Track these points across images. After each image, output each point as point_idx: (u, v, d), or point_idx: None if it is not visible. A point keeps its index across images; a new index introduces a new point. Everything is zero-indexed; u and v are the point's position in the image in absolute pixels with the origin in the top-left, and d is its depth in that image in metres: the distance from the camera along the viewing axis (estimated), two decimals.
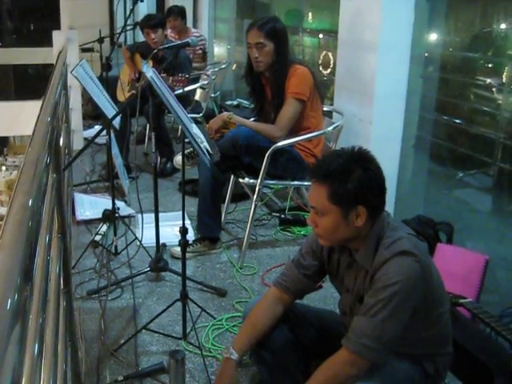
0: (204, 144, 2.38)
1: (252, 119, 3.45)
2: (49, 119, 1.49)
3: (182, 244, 2.49)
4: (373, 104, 3.43)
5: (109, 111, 3.35)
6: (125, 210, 3.83)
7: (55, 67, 2.91)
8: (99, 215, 3.65)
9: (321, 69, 4.93)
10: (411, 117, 3.53)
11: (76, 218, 3.72)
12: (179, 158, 2.83)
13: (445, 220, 3.09)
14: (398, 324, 1.65)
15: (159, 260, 2.96)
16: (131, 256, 3.26)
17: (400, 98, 3.48)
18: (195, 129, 2.40)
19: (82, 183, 4.42)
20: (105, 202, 3.76)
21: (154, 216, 2.87)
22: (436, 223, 3.07)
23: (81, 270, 3.11)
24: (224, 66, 5.92)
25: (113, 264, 3.20)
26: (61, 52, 3.72)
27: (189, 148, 3.28)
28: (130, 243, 3.38)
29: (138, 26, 5.00)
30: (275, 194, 4.29)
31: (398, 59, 3.39)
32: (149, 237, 3.08)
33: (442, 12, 3.43)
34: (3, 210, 4.20)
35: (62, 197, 1.77)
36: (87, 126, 5.91)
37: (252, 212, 3.26)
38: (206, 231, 3.38)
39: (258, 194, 3.23)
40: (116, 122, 3.39)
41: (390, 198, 3.45)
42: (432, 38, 3.52)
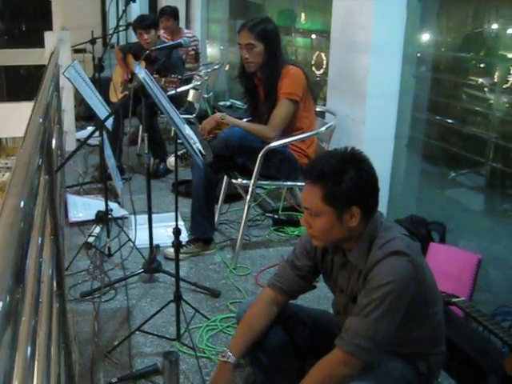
0: (197, 145, 2.38)
1: (245, 120, 3.45)
2: (41, 120, 1.49)
3: (176, 245, 2.48)
4: (365, 104, 3.44)
5: (101, 112, 3.34)
6: (118, 211, 3.82)
7: (47, 68, 2.90)
8: (92, 217, 3.65)
9: (314, 69, 4.93)
10: (404, 117, 3.54)
11: (69, 220, 3.72)
12: (172, 160, 2.83)
13: (437, 219, 3.10)
14: (391, 324, 1.65)
15: (152, 261, 2.96)
16: (124, 257, 3.25)
17: (392, 98, 3.49)
18: (188, 130, 2.40)
19: (75, 185, 4.41)
20: (98, 204, 3.75)
21: (147, 217, 2.87)
22: (429, 223, 3.08)
23: (74, 272, 3.10)
24: (217, 66, 5.92)
25: (106, 265, 3.20)
26: (53, 53, 3.72)
27: (182, 149, 3.28)
28: (123, 244, 3.38)
29: (131, 27, 4.99)
30: (268, 195, 4.29)
31: (390, 59, 3.40)
32: (142, 238, 3.07)
33: (434, 12, 3.44)
34: None
35: (55, 198, 1.76)
36: (80, 128, 5.90)
37: (245, 212, 3.26)
38: (200, 232, 3.38)
39: (252, 195, 3.23)
40: (109, 123, 3.38)
41: (383, 197, 3.46)
42: (424, 38, 3.53)
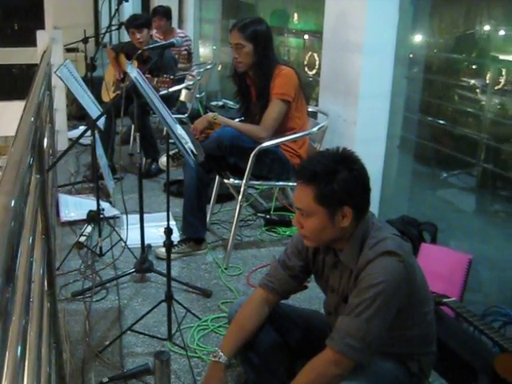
0: (188, 144, 2.38)
1: (237, 120, 3.45)
2: (32, 119, 1.48)
3: (167, 245, 2.48)
4: (357, 105, 3.45)
5: (93, 112, 3.33)
6: (109, 210, 3.81)
7: (39, 67, 2.89)
8: (84, 216, 3.65)
9: (306, 70, 4.94)
10: (395, 117, 3.55)
11: (60, 219, 3.71)
12: (164, 159, 2.83)
13: (429, 220, 3.11)
14: (382, 324, 1.66)
15: (144, 261, 2.96)
16: (116, 257, 3.25)
17: (384, 98, 3.50)
18: (180, 129, 2.39)
19: (67, 184, 4.40)
20: (89, 203, 3.74)
21: (138, 217, 2.87)
22: (420, 223, 3.09)
23: (65, 272, 3.09)
24: (209, 66, 5.92)
25: (97, 265, 3.19)
26: (45, 52, 3.70)
27: (174, 149, 3.27)
28: (114, 244, 3.37)
29: (124, 26, 4.98)
30: (260, 195, 4.29)
31: (382, 60, 3.41)
32: (134, 238, 3.07)
33: (426, 13, 3.45)
34: None
35: (46, 198, 1.76)
36: (72, 127, 5.88)
37: (237, 212, 3.26)
38: (191, 232, 3.37)
39: (243, 195, 3.23)
40: (101, 123, 3.38)
41: (375, 198, 3.47)
42: (416, 39, 3.54)
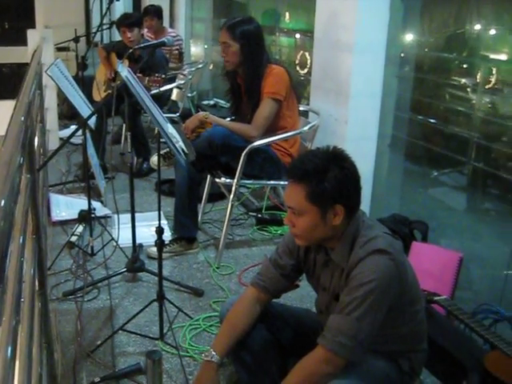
0: (179, 144, 2.38)
1: (228, 119, 3.45)
2: (22, 119, 1.48)
3: (159, 244, 2.48)
4: (348, 104, 3.46)
5: (84, 111, 3.32)
6: (101, 210, 3.80)
7: (30, 66, 2.89)
8: (75, 216, 3.64)
9: (298, 69, 4.95)
10: (386, 116, 3.56)
11: (52, 219, 3.69)
12: (156, 159, 2.83)
13: (420, 218, 3.12)
14: (373, 322, 1.66)
15: (136, 260, 2.96)
16: (107, 257, 3.24)
17: (375, 97, 3.51)
18: (171, 128, 2.39)
19: (58, 183, 4.38)
20: (81, 203, 3.73)
21: (130, 216, 2.87)
22: (411, 222, 3.10)
23: (56, 271, 3.08)
24: (201, 65, 5.91)
25: (89, 265, 3.18)
26: (36, 51, 3.69)
27: (165, 148, 3.27)
28: (106, 244, 3.36)
29: (115, 25, 4.97)
30: (252, 194, 4.30)
31: (373, 59, 3.42)
32: (125, 237, 3.06)
33: (416, 13, 3.46)
34: None
35: (37, 197, 1.76)
36: (63, 126, 5.85)
37: (229, 212, 3.26)
38: (183, 231, 3.37)
39: (235, 194, 3.23)
40: (92, 122, 3.37)
41: (366, 197, 3.48)
42: (407, 38, 3.55)
